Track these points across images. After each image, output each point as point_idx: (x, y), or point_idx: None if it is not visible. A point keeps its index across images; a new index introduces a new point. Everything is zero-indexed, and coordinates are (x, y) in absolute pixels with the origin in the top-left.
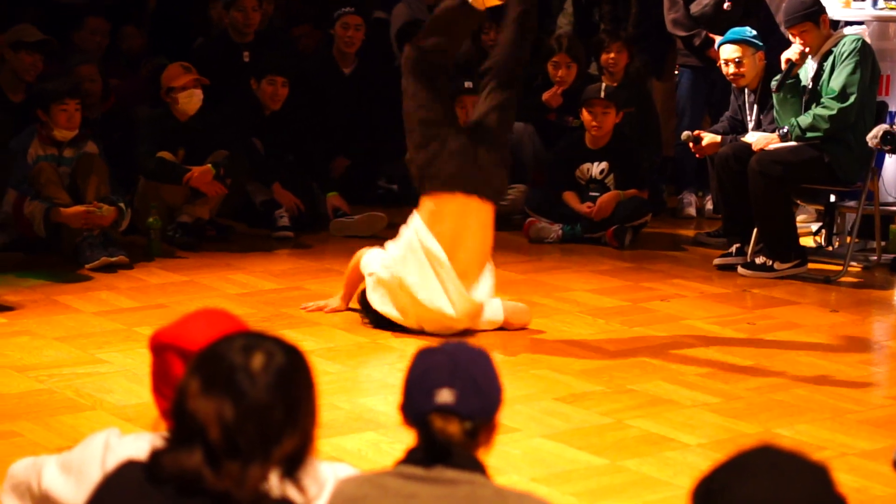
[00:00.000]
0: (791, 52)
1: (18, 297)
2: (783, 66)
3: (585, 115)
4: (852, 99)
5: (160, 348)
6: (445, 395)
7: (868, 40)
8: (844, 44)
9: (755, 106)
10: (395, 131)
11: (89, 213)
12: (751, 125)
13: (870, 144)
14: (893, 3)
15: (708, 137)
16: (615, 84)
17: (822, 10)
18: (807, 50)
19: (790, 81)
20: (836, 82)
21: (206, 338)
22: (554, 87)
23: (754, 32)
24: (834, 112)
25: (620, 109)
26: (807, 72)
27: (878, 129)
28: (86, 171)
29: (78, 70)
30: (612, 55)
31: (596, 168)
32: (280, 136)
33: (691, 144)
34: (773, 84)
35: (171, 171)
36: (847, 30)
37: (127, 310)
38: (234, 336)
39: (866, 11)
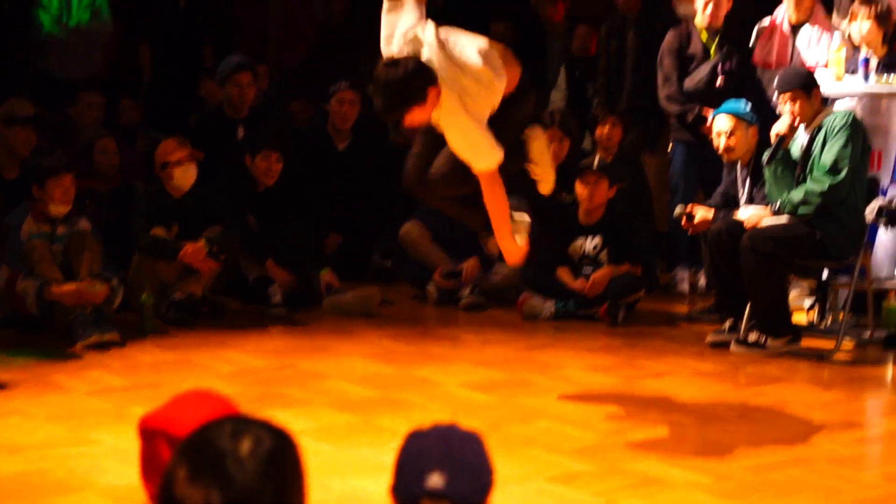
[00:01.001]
0: (780, 126)
1: (10, 376)
2: (773, 139)
3: (579, 187)
4: (844, 174)
5: (149, 434)
6: (436, 480)
7: (860, 115)
8: (836, 118)
9: (748, 181)
10: (389, 207)
11: (82, 290)
12: (743, 200)
13: (867, 219)
14: (885, 78)
15: (700, 213)
16: (609, 159)
17: (815, 83)
18: (796, 122)
19: (780, 156)
20: (828, 157)
21: (194, 422)
22: None
23: (749, 106)
24: (825, 187)
25: (614, 184)
26: (797, 145)
27: (875, 204)
28: (78, 249)
29: (96, 144)
30: (606, 129)
31: (589, 243)
32: (274, 212)
33: (684, 220)
34: (764, 158)
35: (165, 247)
36: (838, 105)
37: (119, 389)
38: (222, 421)
39: (858, 86)
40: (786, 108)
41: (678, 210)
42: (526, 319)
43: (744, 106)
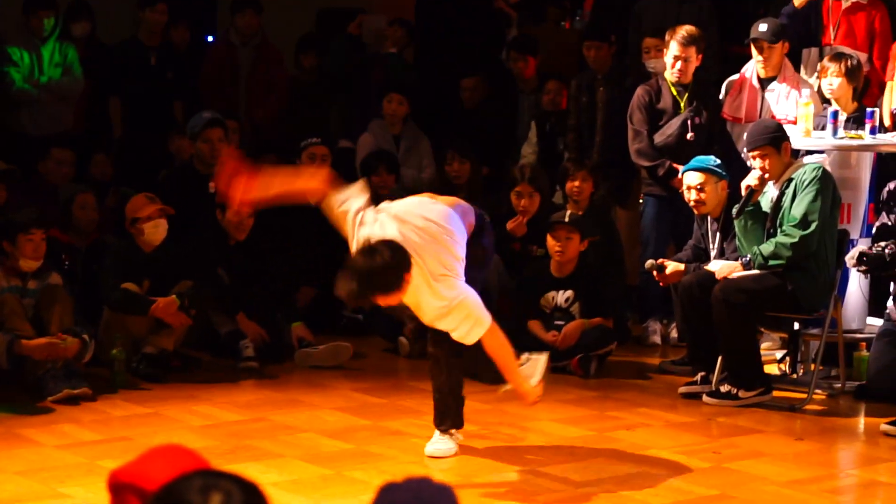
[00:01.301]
0: (750, 179)
1: None
2: (743, 192)
3: (550, 240)
4: (813, 227)
5: (118, 488)
6: None
7: (829, 169)
8: (805, 172)
9: (718, 234)
10: None
11: (52, 345)
12: (713, 253)
13: (848, 265)
14: (853, 132)
15: (671, 266)
16: (580, 212)
17: (785, 137)
18: (766, 176)
19: (750, 209)
20: (798, 210)
21: (165, 476)
22: (517, 217)
23: (718, 161)
24: (796, 240)
25: (585, 237)
26: (767, 198)
27: (855, 251)
28: (49, 303)
29: (76, 198)
30: (577, 183)
31: (561, 296)
32: (245, 266)
33: (655, 273)
34: (734, 211)
35: (137, 302)
36: (807, 158)
37: (90, 443)
38: (192, 475)
39: (827, 141)
40: (756, 163)
41: (649, 263)
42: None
43: (713, 161)
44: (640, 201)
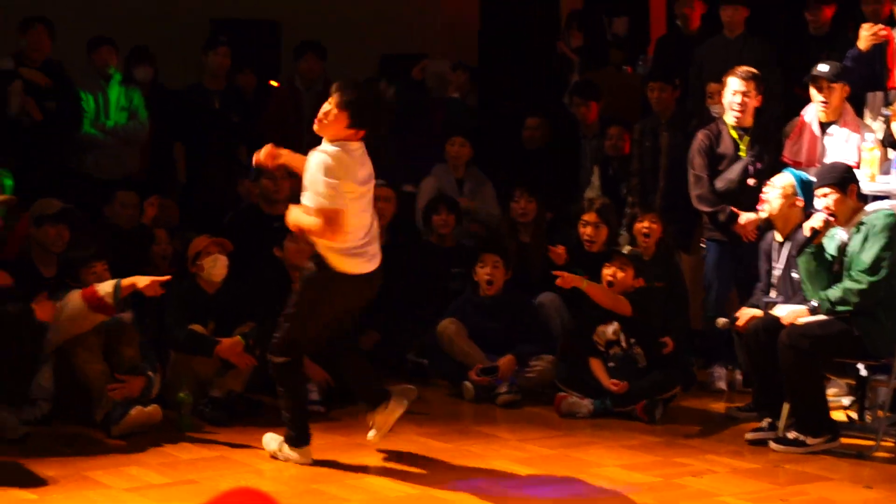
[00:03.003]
0: (814, 221)
1: (50, 472)
2: (807, 233)
3: (604, 269)
4: (882, 273)
5: None
6: None
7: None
8: (877, 218)
9: (784, 259)
10: (425, 305)
11: (115, 388)
12: (774, 294)
13: None
14: None
15: (746, 314)
16: (647, 257)
17: (853, 179)
18: (831, 219)
19: (812, 250)
20: (867, 256)
21: None
22: (559, 246)
23: (806, 179)
24: (864, 286)
25: (640, 275)
26: (836, 241)
27: None
28: (118, 339)
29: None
30: (645, 224)
31: (610, 329)
32: None
33: (731, 327)
34: (794, 252)
35: (202, 343)
36: (877, 204)
37: (158, 486)
38: None
39: (891, 185)
40: (820, 204)
41: (722, 322)
42: (563, 417)
43: (801, 179)
44: (703, 246)
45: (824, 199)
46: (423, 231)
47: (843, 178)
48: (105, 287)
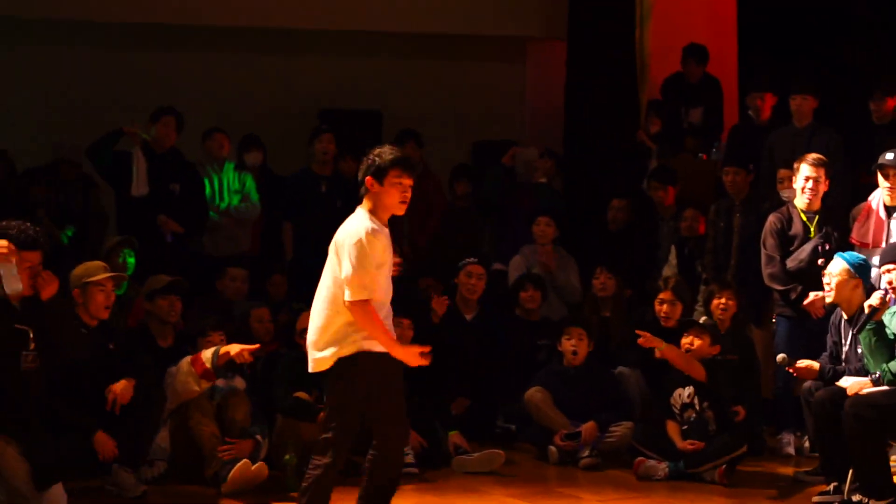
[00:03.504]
0: (873, 299)
1: None
2: (866, 310)
3: (683, 338)
4: None
5: None
6: None
7: None
8: None
9: (850, 336)
10: (513, 374)
11: (226, 449)
12: (845, 350)
13: None
14: None
15: (805, 362)
16: (724, 331)
17: None
18: (889, 297)
19: (872, 326)
20: None
21: None
22: (648, 336)
23: (861, 260)
24: None
25: (716, 343)
26: (895, 319)
27: None
28: (232, 406)
29: (252, 313)
30: (723, 300)
31: (685, 392)
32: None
33: (787, 367)
34: (855, 329)
35: (306, 409)
36: None
37: None
38: None
39: None
40: (883, 280)
41: (780, 358)
42: (640, 479)
43: (856, 258)
44: (773, 321)
45: (888, 275)
46: (515, 305)
47: None
48: (206, 354)
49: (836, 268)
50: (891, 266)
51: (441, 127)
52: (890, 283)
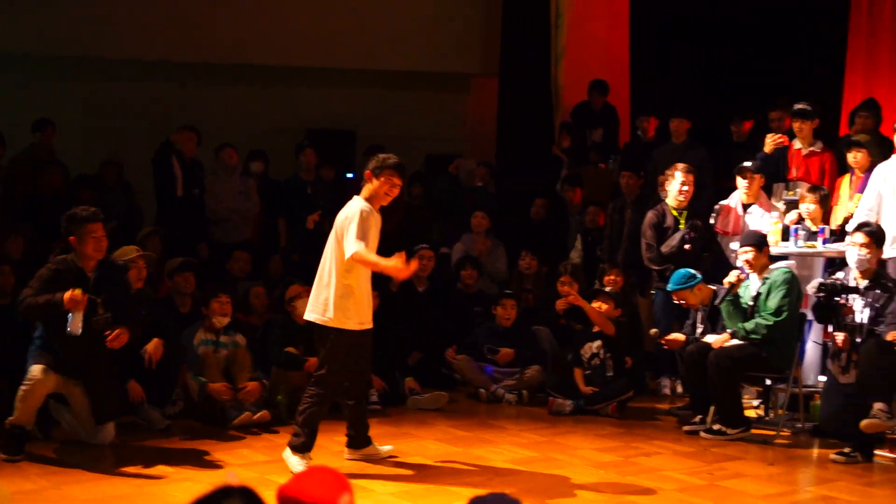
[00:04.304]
0: (731, 277)
1: (185, 453)
2: (725, 286)
3: (593, 303)
4: (784, 315)
5: (283, 500)
6: None
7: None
8: (779, 274)
9: (704, 318)
10: (455, 336)
11: (243, 395)
12: (699, 331)
13: (809, 293)
14: (810, 242)
15: (673, 336)
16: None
17: (766, 242)
18: (744, 275)
19: (730, 298)
20: (773, 302)
21: (318, 490)
22: (562, 299)
23: (690, 274)
24: (771, 324)
25: (618, 308)
26: (752, 288)
27: (816, 281)
28: (238, 358)
29: (251, 290)
30: (612, 277)
31: (594, 345)
32: (375, 335)
33: (659, 339)
34: (717, 301)
35: (295, 361)
36: (779, 263)
37: (261, 462)
38: (207, 499)
39: (790, 248)
40: (740, 259)
41: (653, 331)
42: (552, 415)
43: (682, 277)
44: (653, 293)
45: (745, 255)
46: (459, 280)
47: (759, 241)
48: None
49: (676, 297)
50: (747, 248)
51: (401, 143)
52: (746, 261)
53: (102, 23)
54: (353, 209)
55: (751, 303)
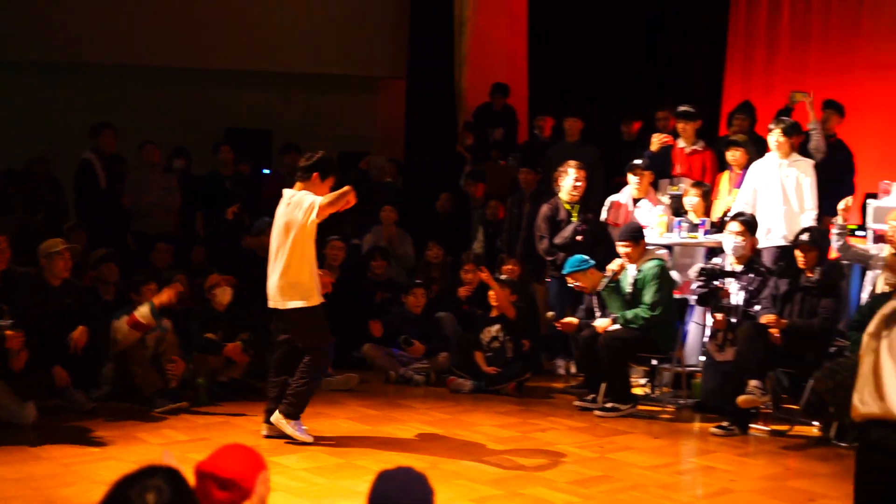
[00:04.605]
0: (613, 266)
1: (109, 434)
2: (607, 274)
3: (495, 290)
4: (659, 310)
5: (201, 475)
6: None
7: (676, 256)
8: (651, 268)
9: (597, 302)
10: (363, 321)
11: (171, 367)
12: (597, 314)
13: (691, 277)
14: (692, 233)
15: (567, 319)
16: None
17: (642, 236)
18: (626, 261)
19: (612, 285)
20: (648, 297)
21: (233, 466)
22: (466, 286)
23: (583, 258)
24: (648, 316)
25: (514, 294)
26: (629, 276)
27: (697, 266)
28: (166, 340)
29: (174, 277)
30: (510, 266)
31: (493, 329)
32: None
33: (555, 322)
34: (599, 287)
35: (214, 346)
36: (659, 252)
37: (182, 441)
38: (132, 477)
39: (674, 238)
40: (620, 251)
41: (550, 314)
42: (453, 392)
43: (577, 261)
44: (548, 280)
45: (623, 248)
46: (369, 269)
47: (634, 235)
48: (142, 310)
49: (570, 279)
50: (624, 242)
51: (315, 141)
52: (624, 254)
53: (29, 25)
54: (309, 198)
55: (629, 290)
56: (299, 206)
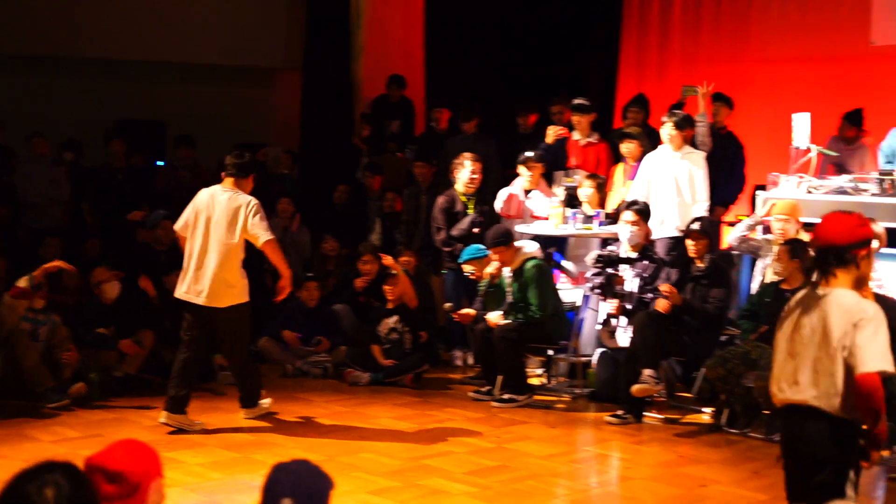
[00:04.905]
0: (491, 268)
1: None
2: (487, 276)
3: (389, 283)
4: (547, 308)
5: (91, 469)
6: (287, 502)
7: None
8: (529, 269)
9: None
10: (262, 314)
11: (66, 356)
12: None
13: (588, 264)
14: (587, 225)
15: (465, 310)
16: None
17: (511, 238)
18: (501, 265)
19: (491, 289)
20: (532, 297)
21: (124, 461)
22: (363, 277)
23: (480, 247)
24: (538, 315)
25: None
26: (504, 281)
27: (594, 253)
28: (57, 334)
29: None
30: (405, 258)
31: (391, 320)
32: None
33: (452, 313)
34: (480, 289)
35: (105, 341)
36: (527, 248)
37: (73, 439)
38: (30, 473)
39: (569, 230)
40: (493, 258)
41: (448, 305)
42: (350, 385)
43: (474, 250)
44: (444, 272)
45: (496, 255)
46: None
47: (503, 239)
48: (22, 281)
49: (467, 267)
50: (495, 249)
51: (210, 133)
52: (498, 259)
53: None
54: (244, 200)
55: (509, 289)
56: (243, 210)
